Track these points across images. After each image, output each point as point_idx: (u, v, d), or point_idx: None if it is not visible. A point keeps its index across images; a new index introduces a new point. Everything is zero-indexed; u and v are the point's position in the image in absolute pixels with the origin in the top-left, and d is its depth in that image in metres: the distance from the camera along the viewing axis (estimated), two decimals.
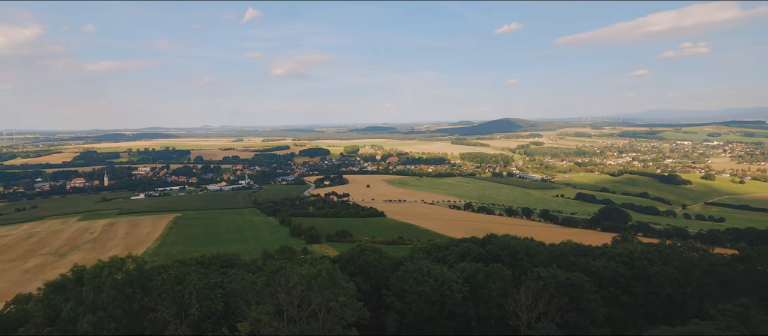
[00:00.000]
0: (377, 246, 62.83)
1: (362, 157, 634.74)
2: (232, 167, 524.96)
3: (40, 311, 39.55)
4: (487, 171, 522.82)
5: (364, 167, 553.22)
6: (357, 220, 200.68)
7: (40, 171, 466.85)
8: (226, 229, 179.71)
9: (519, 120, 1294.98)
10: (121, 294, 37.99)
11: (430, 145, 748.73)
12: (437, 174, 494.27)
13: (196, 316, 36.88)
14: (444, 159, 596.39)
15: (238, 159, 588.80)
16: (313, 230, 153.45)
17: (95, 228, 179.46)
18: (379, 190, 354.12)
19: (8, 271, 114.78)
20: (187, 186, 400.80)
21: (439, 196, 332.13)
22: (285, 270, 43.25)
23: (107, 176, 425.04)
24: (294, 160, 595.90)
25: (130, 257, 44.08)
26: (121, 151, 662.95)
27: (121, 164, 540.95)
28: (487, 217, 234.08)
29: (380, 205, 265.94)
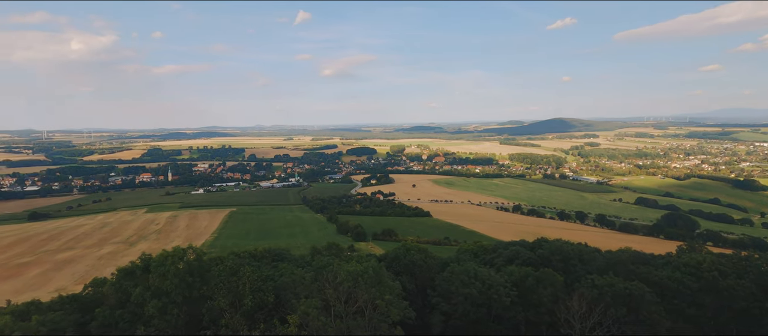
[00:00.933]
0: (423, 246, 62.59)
1: (408, 156, 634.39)
2: (282, 165, 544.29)
3: (113, 295, 43.33)
4: (537, 172, 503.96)
5: (410, 167, 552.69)
6: (402, 220, 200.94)
7: (113, 166, 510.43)
8: (276, 224, 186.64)
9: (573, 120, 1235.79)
10: (183, 282, 40.73)
11: (477, 146, 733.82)
12: (485, 175, 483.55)
13: (249, 307, 38.65)
14: (492, 160, 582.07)
15: (288, 157, 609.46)
16: (360, 228, 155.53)
17: (160, 220, 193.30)
18: (424, 190, 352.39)
19: (86, 257, 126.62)
20: (242, 182, 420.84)
21: (486, 197, 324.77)
22: (332, 266, 44.28)
23: (170, 172, 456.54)
24: (341, 159, 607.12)
25: (190, 248, 47.14)
26: (182, 149, 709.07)
27: (183, 161, 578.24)
28: (537, 220, 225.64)
29: (426, 204, 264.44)
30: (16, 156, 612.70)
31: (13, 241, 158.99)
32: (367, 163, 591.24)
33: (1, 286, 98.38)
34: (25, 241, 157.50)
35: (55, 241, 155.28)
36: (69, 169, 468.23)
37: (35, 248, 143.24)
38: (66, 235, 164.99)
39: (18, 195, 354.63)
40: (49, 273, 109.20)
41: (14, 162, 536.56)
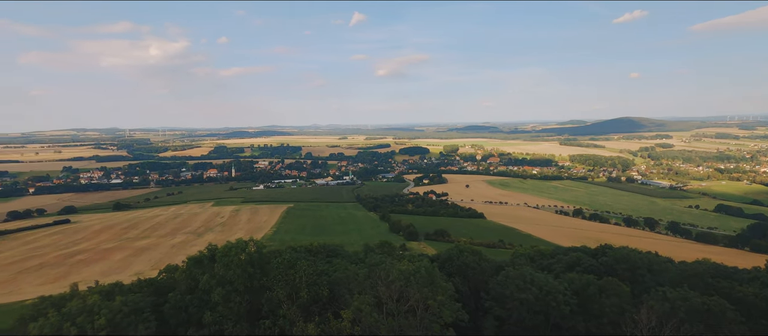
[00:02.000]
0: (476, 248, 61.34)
1: (462, 156, 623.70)
2: (337, 163, 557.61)
3: (183, 281, 46.89)
4: (601, 175, 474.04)
5: (464, 167, 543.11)
6: (455, 220, 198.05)
7: (184, 162, 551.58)
8: (331, 221, 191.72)
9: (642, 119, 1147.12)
10: (245, 272, 43.17)
11: (535, 146, 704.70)
12: (543, 176, 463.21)
13: (305, 299, 40.15)
14: (551, 161, 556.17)
15: (342, 156, 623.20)
16: (412, 228, 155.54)
17: (224, 213, 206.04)
18: (478, 191, 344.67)
19: (160, 245, 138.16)
20: (298, 179, 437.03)
21: (544, 200, 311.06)
22: (385, 264, 44.72)
23: (234, 168, 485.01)
24: (394, 158, 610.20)
25: (251, 241, 49.80)
26: (245, 147, 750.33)
27: (245, 158, 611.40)
28: (600, 225, 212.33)
29: (479, 206, 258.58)
30: (103, 152, 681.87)
31: (100, 228, 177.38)
32: (420, 162, 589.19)
33: (91, 267, 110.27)
34: (110, 228, 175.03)
35: (135, 229, 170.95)
36: (147, 164, 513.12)
37: (118, 235, 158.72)
38: (144, 225, 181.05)
39: (105, 187, 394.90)
40: (130, 258, 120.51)
41: (102, 157, 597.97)
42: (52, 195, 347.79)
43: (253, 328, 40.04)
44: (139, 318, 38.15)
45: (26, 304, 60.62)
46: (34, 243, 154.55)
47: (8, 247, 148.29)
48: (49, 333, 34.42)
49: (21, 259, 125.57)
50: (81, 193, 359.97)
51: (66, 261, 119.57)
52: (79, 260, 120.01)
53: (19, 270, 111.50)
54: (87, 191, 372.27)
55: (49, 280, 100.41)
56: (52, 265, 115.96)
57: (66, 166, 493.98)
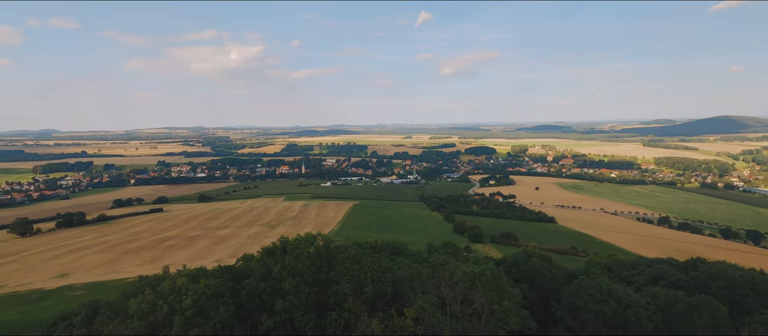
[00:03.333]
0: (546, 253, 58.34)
1: (531, 157, 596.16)
2: (401, 162, 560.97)
3: (258, 269, 50.13)
4: (693, 180, 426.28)
5: (533, 168, 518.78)
6: (523, 224, 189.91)
7: (259, 159, 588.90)
8: (395, 219, 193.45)
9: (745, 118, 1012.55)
10: (313, 265, 45.17)
11: (614, 147, 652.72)
12: (622, 180, 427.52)
13: (370, 295, 41.00)
14: (632, 163, 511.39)
15: (407, 155, 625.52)
16: (477, 229, 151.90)
17: (295, 208, 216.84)
18: (549, 194, 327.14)
19: (238, 235, 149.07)
20: (364, 177, 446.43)
21: (623, 205, 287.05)
22: (449, 265, 44.22)
23: (304, 165, 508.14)
24: (459, 158, 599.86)
25: (319, 235, 51.92)
26: (314, 145, 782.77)
27: (314, 156, 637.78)
28: (691, 236, 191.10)
29: (550, 209, 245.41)
30: (191, 148, 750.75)
31: (187, 217, 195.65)
32: (486, 162, 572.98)
33: (179, 252, 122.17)
34: (195, 218, 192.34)
35: (216, 220, 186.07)
36: (227, 160, 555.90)
37: (202, 225, 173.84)
38: (224, 216, 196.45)
39: (191, 180, 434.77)
40: (212, 246, 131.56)
41: (189, 153, 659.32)
42: (148, 186, 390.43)
43: (321, 318, 41.75)
44: (220, 301, 41.54)
45: (128, 282, 68.88)
46: (134, 228, 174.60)
47: (114, 231, 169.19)
48: (145, 309, 38.74)
49: (124, 241, 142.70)
50: (172, 185, 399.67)
51: (159, 245, 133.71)
52: (169, 245, 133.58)
53: (122, 251, 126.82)
54: (177, 183, 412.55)
55: (145, 261, 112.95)
56: (148, 248, 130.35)
57: (160, 160, 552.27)
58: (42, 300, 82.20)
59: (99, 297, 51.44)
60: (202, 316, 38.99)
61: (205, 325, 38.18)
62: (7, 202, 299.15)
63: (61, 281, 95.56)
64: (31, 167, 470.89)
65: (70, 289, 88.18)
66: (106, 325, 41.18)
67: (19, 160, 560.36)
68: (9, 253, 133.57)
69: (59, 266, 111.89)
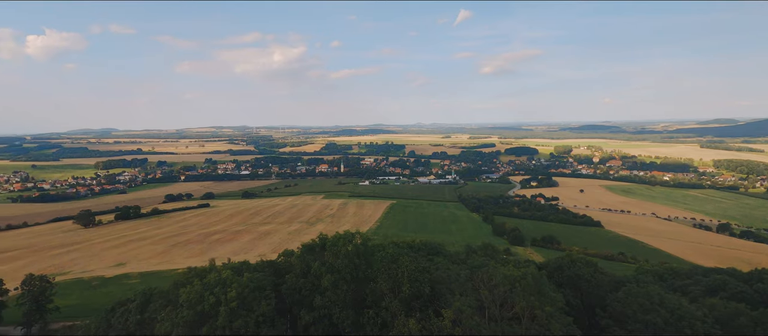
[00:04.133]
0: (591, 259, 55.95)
1: (576, 158, 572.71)
2: (440, 162, 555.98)
3: (298, 265, 51.45)
4: (758, 185, 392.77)
5: (578, 170, 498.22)
6: (567, 227, 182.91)
7: (300, 157, 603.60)
8: (433, 219, 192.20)
9: None
10: (351, 262, 45.80)
11: (667, 148, 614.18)
12: (676, 184, 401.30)
13: (407, 294, 41.02)
14: (687, 166, 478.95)
15: (445, 155, 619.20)
16: (517, 231, 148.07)
17: (333, 206, 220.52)
18: (595, 197, 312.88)
19: (279, 231, 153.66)
20: (402, 177, 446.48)
21: (677, 210, 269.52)
22: (488, 267, 43.44)
23: (343, 164, 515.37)
24: (499, 159, 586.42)
25: (357, 233, 52.55)
26: (352, 144, 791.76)
27: (353, 155, 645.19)
28: (754, 245, 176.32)
29: (596, 213, 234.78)
30: (235, 146, 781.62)
31: (232, 213, 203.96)
32: (527, 163, 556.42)
33: (224, 246, 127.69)
34: (239, 213, 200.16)
35: (259, 216, 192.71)
36: (269, 159, 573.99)
37: (246, 220, 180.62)
38: (266, 212, 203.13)
39: (235, 177, 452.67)
40: (255, 241, 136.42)
41: (234, 151, 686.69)
42: (197, 182, 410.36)
43: (358, 315, 42.27)
44: (262, 294, 43.02)
45: (178, 272, 72.83)
46: (183, 222, 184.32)
47: (165, 224, 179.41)
48: (194, 299, 40.81)
49: (174, 234, 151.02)
50: (218, 182, 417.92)
51: (206, 239, 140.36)
52: (215, 239, 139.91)
53: (172, 243, 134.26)
54: (222, 180, 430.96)
55: (193, 253, 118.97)
56: (196, 241, 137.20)
57: (207, 158, 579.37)
58: (102, 286, 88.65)
59: (152, 285, 54.73)
60: (245, 308, 40.56)
61: (248, 317, 39.69)
62: (73, 195, 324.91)
63: (119, 270, 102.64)
64: (93, 163, 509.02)
65: (127, 277, 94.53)
66: (158, 312, 43.78)
67: (83, 156, 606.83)
68: (74, 242, 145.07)
69: (117, 256, 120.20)
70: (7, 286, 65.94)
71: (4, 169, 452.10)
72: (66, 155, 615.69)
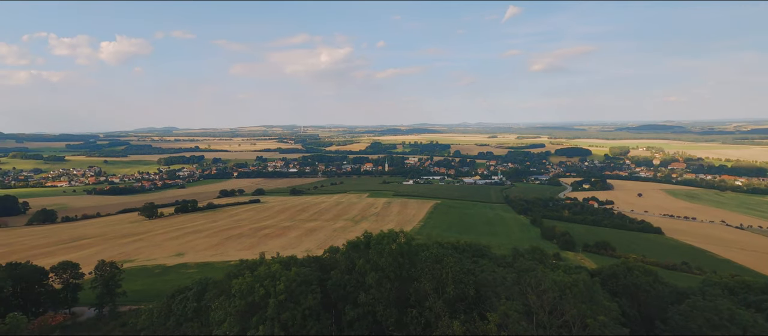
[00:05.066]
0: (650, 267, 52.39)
1: (633, 160, 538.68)
2: (485, 162, 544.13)
3: (343, 261, 52.41)
4: None
5: (636, 172, 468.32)
6: (622, 233, 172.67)
7: (345, 156, 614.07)
8: (477, 220, 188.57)
9: None
10: (395, 261, 45.98)
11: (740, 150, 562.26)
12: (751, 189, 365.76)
13: (451, 295, 40.56)
14: (765, 170, 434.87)
15: (491, 155, 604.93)
16: (568, 236, 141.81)
17: (378, 205, 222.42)
18: (654, 202, 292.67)
19: (325, 228, 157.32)
20: (446, 177, 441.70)
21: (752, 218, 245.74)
22: (536, 271, 41.98)
23: (387, 163, 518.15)
24: (549, 160, 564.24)
25: (401, 232, 52.68)
26: (397, 143, 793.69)
27: (397, 154, 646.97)
28: None
29: (655, 219, 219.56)
30: (284, 145, 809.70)
31: (280, 209, 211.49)
32: (579, 165, 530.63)
33: (273, 241, 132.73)
34: (287, 210, 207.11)
35: (305, 212, 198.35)
36: (315, 157, 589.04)
37: (293, 216, 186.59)
38: (312, 209, 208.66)
39: (284, 174, 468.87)
40: (302, 236, 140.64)
41: (283, 149, 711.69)
42: (248, 179, 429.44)
43: (401, 314, 42.37)
44: (308, 288, 44.26)
45: (230, 264, 76.64)
46: (236, 216, 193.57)
47: (220, 218, 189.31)
48: (245, 290, 42.77)
49: (227, 228, 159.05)
50: (268, 178, 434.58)
51: (256, 233, 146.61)
52: (265, 234, 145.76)
53: (226, 236, 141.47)
54: (272, 177, 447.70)
55: (245, 247, 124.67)
56: (247, 235, 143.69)
57: (258, 155, 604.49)
58: (163, 274, 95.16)
59: (207, 275, 58.00)
60: (293, 301, 41.93)
61: (295, 310, 40.99)
62: (139, 189, 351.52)
63: (178, 259, 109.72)
64: (156, 159, 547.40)
65: (185, 267, 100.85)
66: (213, 300, 46.31)
67: (148, 153, 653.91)
68: (139, 232, 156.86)
69: (177, 246, 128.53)
70: (82, 270, 72.61)
71: (81, 164, 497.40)
72: (133, 152, 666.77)
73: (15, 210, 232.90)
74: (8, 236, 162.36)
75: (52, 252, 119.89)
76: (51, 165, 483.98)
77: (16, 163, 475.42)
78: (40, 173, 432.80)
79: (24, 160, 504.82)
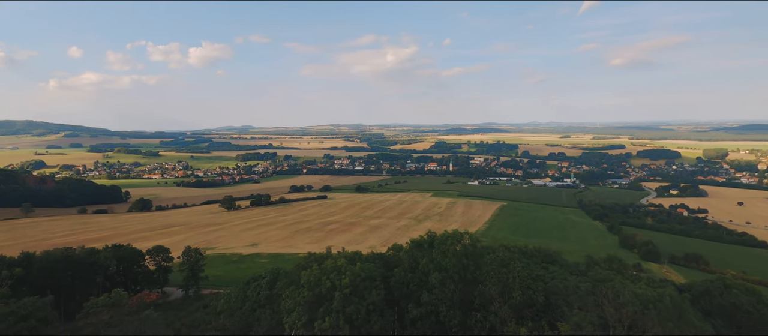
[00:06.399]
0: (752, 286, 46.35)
1: (733, 164, 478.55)
2: (557, 164, 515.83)
3: (406, 260, 52.67)
4: None
5: (735, 178, 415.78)
6: (718, 246, 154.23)
7: (409, 155, 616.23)
8: (547, 224, 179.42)
9: None
10: (459, 262, 45.31)
11: None
12: None
13: (518, 301, 39.09)
14: None
15: (563, 156, 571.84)
16: (651, 246, 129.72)
17: (441, 204, 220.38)
18: (758, 212, 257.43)
19: (388, 226, 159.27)
20: (513, 178, 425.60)
21: None
22: (613, 282, 39.05)
23: (451, 163, 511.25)
24: (629, 162, 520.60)
25: (466, 233, 51.72)
26: (462, 143, 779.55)
27: (462, 154, 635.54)
28: None
29: (760, 232, 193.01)
30: (350, 143, 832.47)
31: (346, 205, 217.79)
32: (665, 169, 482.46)
33: (339, 236, 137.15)
34: (352, 206, 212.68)
35: (370, 209, 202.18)
36: (380, 155, 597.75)
37: (358, 213, 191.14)
38: (376, 206, 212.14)
39: (350, 172, 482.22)
40: (366, 233, 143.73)
41: (349, 148, 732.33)
42: (316, 175, 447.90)
43: (465, 317, 41.66)
44: (372, 284, 45.12)
45: (299, 256, 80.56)
46: (304, 211, 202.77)
47: (290, 212, 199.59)
48: (313, 281, 44.73)
49: (297, 222, 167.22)
50: (334, 175, 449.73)
51: (323, 228, 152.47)
52: (331, 229, 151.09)
53: (295, 230, 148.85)
54: (338, 174, 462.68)
55: (312, 240, 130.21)
56: (315, 229, 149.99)
57: (326, 153, 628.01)
58: (239, 262, 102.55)
59: (278, 265, 61.45)
60: (357, 296, 43.02)
61: (359, 304, 42.04)
62: (219, 182, 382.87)
63: (253, 249, 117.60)
64: (234, 156, 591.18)
65: (259, 257, 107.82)
66: (283, 289, 49.00)
67: (227, 149, 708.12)
68: (219, 223, 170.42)
69: (251, 237, 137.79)
70: (172, 254, 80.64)
71: (171, 159, 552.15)
72: (215, 148, 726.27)
73: (119, 198, 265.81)
74: (114, 221, 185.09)
75: (147, 237, 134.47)
76: (148, 159, 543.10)
77: (120, 157, 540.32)
78: (139, 166, 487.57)
79: (126, 154, 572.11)
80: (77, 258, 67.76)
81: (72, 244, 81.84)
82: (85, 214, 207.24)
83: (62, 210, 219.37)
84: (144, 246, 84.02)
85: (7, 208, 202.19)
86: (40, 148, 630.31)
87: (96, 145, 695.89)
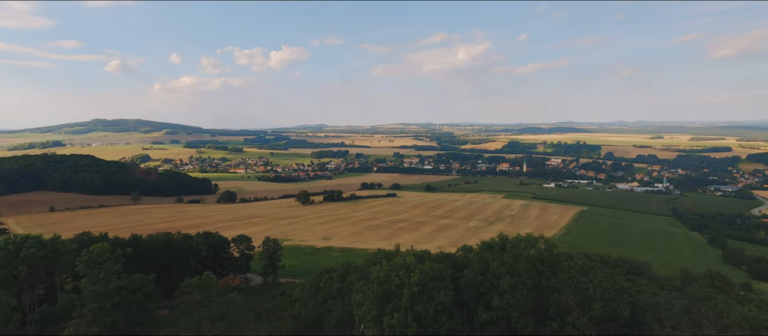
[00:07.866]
0: None
1: None
2: (646, 167, 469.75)
3: (476, 262, 51.54)
4: None
5: None
6: None
7: (480, 154, 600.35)
8: (633, 233, 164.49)
9: None
10: (533, 268, 43.34)
11: None
12: None
13: (599, 313, 36.46)
14: None
15: (655, 158, 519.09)
16: (764, 263, 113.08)
17: (514, 206, 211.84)
18: None
19: (457, 226, 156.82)
20: (595, 181, 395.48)
21: None
22: (715, 301, 34.81)
23: (525, 164, 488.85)
24: (737, 166, 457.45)
25: (541, 237, 49.20)
26: (537, 143, 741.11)
27: (537, 154, 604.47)
28: None
29: None
30: (420, 142, 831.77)
31: (415, 204, 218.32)
32: None
33: (408, 234, 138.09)
34: (421, 205, 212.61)
35: (439, 209, 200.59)
36: (450, 155, 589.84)
37: (427, 212, 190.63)
38: (446, 206, 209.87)
39: (419, 171, 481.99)
40: (434, 232, 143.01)
41: (419, 146, 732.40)
42: (386, 173, 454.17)
43: (539, 326, 39.80)
44: (441, 284, 44.81)
45: (369, 252, 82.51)
46: (375, 208, 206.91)
47: (360, 209, 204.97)
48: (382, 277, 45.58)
49: (367, 218, 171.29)
50: (404, 174, 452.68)
51: (392, 225, 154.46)
52: (400, 227, 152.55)
53: (365, 226, 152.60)
54: (408, 173, 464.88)
55: (382, 237, 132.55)
56: (384, 226, 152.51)
57: (395, 152, 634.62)
58: (313, 254, 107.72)
59: (349, 260, 63.48)
60: (425, 294, 43.03)
61: (428, 303, 42.01)
62: (296, 178, 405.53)
63: (325, 243, 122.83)
64: (309, 153, 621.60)
65: (330, 250, 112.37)
66: (353, 283, 50.55)
67: (303, 147, 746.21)
68: (295, 216, 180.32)
69: (324, 230, 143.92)
70: (253, 243, 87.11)
71: (253, 155, 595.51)
72: (292, 146, 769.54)
73: (209, 190, 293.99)
74: (204, 210, 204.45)
75: (232, 226, 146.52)
76: (233, 155, 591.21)
77: (210, 153, 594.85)
78: (226, 161, 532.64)
79: (215, 150, 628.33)
80: (175, 242, 76.05)
81: (170, 229, 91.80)
82: (181, 204, 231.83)
83: (162, 199, 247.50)
84: (229, 234, 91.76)
85: (120, 195, 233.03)
86: (146, 143, 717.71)
87: (191, 141, 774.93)
